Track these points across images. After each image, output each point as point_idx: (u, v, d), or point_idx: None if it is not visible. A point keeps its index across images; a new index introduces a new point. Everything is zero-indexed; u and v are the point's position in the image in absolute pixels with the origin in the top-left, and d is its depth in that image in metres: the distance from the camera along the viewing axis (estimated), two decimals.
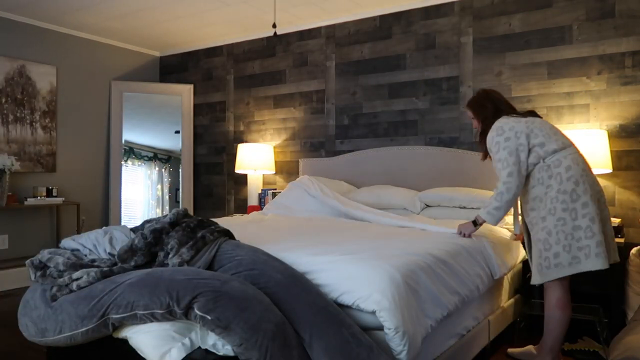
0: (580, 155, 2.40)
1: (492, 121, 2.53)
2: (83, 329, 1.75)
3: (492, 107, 2.57)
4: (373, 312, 1.77)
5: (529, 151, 2.40)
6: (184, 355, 1.61)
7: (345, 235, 2.59)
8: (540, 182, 2.40)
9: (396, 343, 1.73)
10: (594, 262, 2.25)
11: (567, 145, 2.41)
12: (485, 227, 2.97)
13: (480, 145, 2.65)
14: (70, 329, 1.77)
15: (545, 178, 2.38)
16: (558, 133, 2.45)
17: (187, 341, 1.65)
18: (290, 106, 4.79)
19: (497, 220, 2.47)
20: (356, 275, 1.86)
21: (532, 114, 2.56)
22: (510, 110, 2.57)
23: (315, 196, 3.58)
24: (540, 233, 2.37)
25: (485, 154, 2.63)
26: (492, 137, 2.49)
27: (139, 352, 1.65)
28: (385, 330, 1.74)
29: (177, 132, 5.43)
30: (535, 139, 2.39)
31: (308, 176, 3.88)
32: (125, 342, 1.73)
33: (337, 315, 1.73)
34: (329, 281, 1.90)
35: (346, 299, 1.84)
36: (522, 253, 3.16)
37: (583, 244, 2.27)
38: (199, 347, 1.65)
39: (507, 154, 2.39)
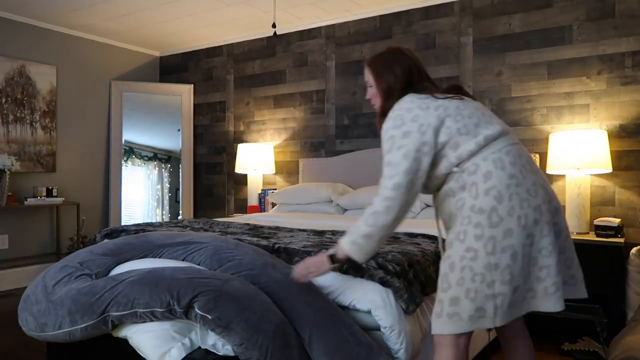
0: (517, 151, 1.56)
1: (398, 98, 1.66)
2: (82, 325, 1.75)
3: (402, 75, 1.69)
4: (369, 312, 1.77)
5: (437, 155, 1.57)
6: (184, 355, 1.61)
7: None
8: (451, 194, 1.59)
9: (393, 342, 1.73)
10: (504, 317, 1.47)
11: (491, 138, 1.55)
12: None
13: (380, 129, 1.70)
14: (70, 325, 1.77)
15: (456, 189, 1.57)
16: (482, 121, 1.59)
17: (187, 341, 1.65)
18: (290, 106, 4.79)
19: (365, 255, 1.63)
20: (354, 277, 1.86)
21: (456, 89, 1.71)
22: (424, 85, 1.69)
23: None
24: (443, 265, 1.56)
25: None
26: (387, 127, 1.63)
27: (138, 351, 1.65)
28: (381, 329, 1.74)
29: (179, 130, 5.43)
30: (446, 136, 1.56)
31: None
32: (125, 341, 1.73)
33: (336, 315, 1.73)
34: (327, 283, 1.90)
35: (343, 300, 1.85)
36: None
37: (496, 291, 1.46)
38: (199, 347, 1.65)
39: (401, 156, 1.56)
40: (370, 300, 1.77)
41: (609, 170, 3.13)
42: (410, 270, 1.89)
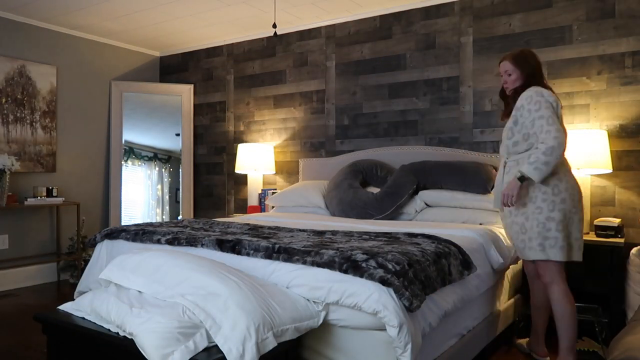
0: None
1: (533, 81, 2.50)
2: None
3: (535, 67, 2.54)
4: (374, 313, 1.77)
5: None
6: (187, 358, 1.61)
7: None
8: None
9: (401, 341, 1.73)
10: (557, 252, 2.40)
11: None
12: (486, 225, 2.98)
13: (508, 103, 2.64)
14: None
15: None
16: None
17: (190, 344, 1.65)
18: (291, 106, 4.79)
19: (543, 176, 2.34)
20: (354, 277, 1.86)
21: None
22: (543, 82, 2.54)
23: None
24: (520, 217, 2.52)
25: (507, 113, 2.62)
26: (530, 95, 2.43)
27: (142, 351, 1.65)
28: (389, 329, 1.74)
29: (178, 134, 5.43)
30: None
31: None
32: (130, 341, 1.73)
33: None
34: (329, 284, 1.90)
35: (347, 301, 1.85)
36: None
37: (551, 235, 2.39)
38: (203, 350, 1.65)
39: (550, 112, 2.36)
40: (375, 300, 1.77)
41: (609, 170, 3.13)
42: (410, 270, 1.89)
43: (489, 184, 3.27)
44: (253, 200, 4.69)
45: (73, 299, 2.27)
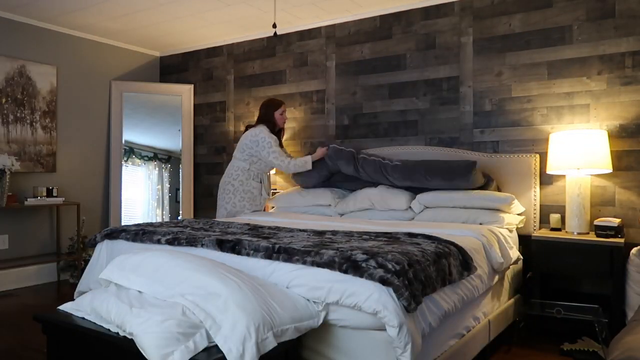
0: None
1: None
2: None
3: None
4: (374, 313, 1.77)
5: None
6: (187, 358, 1.60)
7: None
8: None
9: (400, 341, 1.73)
10: None
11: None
12: (486, 225, 2.99)
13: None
14: None
15: None
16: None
17: (190, 344, 1.65)
18: (291, 106, 4.79)
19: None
20: (354, 277, 1.86)
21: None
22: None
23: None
24: None
25: None
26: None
27: (142, 351, 1.65)
28: (389, 330, 1.74)
29: (180, 130, 5.43)
30: None
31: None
32: (130, 341, 1.73)
33: None
34: (329, 284, 1.90)
35: (347, 301, 1.85)
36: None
37: None
38: (203, 350, 1.65)
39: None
40: (375, 300, 1.77)
41: (609, 170, 3.13)
42: (410, 270, 1.89)
43: (472, 174, 3.27)
44: None
45: (73, 299, 2.27)
